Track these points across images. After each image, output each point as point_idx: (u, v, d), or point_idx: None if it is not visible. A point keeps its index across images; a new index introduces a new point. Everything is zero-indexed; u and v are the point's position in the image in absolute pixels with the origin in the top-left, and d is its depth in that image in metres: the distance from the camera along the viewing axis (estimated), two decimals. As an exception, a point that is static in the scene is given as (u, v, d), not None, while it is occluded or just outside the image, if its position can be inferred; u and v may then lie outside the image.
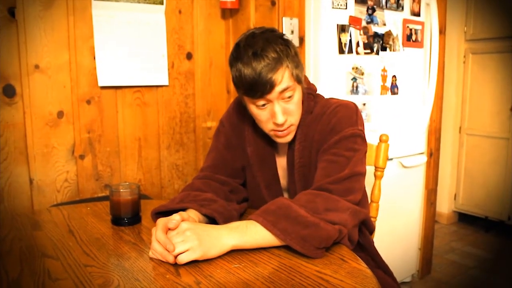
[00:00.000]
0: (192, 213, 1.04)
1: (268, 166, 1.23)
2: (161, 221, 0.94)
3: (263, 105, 1.06)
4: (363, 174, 1.09)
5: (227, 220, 1.04)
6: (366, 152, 1.14)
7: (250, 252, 0.94)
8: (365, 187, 1.15)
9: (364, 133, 1.13)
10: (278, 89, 1.03)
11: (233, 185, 1.22)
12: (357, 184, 1.06)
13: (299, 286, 0.79)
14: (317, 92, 1.23)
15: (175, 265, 0.89)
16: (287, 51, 1.03)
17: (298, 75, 1.07)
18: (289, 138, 1.14)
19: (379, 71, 2.05)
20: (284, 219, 0.92)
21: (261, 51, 1.01)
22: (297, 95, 1.08)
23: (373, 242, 1.25)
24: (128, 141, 1.91)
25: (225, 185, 1.20)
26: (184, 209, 1.06)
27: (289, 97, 1.06)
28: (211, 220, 1.06)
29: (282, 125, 1.08)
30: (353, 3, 1.91)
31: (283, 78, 1.03)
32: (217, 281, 0.82)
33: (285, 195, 1.25)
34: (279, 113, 1.06)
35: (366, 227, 1.21)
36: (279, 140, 1.14)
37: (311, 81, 1.90)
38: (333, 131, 1.10)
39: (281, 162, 1.22)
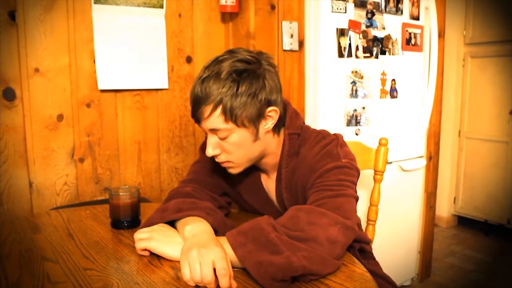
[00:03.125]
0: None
1: (257, 193, 1.19)
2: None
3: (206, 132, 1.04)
4: (355, 197, 1.00)
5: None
6: (355, 182, 1.04)
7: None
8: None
9: (351, 163, 1.03)
10: (204, 125, 1.00)
11: (221, 203, 1.19)
12: (348, 205, 0.95)
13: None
14: (306, 124, 1.15)
15: (175, 268, 0.89)
16: (230, 90, 0.95)
17: (239, 118, 0.97)
18: (232, 171, 1.08)
19: (379, 74, 2.05)
20: (252, 241, 0.83)
21: (203, 80, 0.97)
22: (236, 137, 1.00)
23: (372, 255, 1.23)
24: (127, 145, 1.91)
25: (215, 201, 1.17)
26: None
27: (224, 137, 1.00)
28: None
29: (216, 156, 1.05)
30: (352, 7, 1.91)
31: (210, 117, 0.97)
32: (216, 285, 0.82)
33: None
34: (208, 146, 1.03)
35: (363, 244, 1.16)
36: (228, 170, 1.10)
37: (310, 86, 1.92)
38: (313, 170, 1.02)
39: (271, 192, 1.17)
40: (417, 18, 2.21)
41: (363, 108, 1.99)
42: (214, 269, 0.80)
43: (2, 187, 1.64)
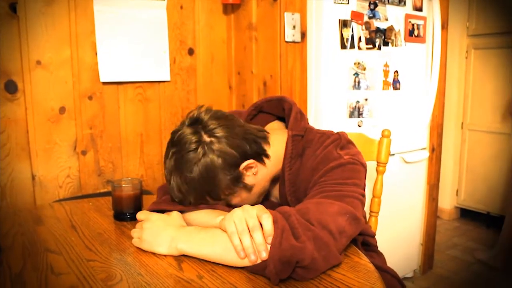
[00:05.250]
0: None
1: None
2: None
3: None
4: (359, 196, 0.94)
5: None
6: (362, 178, 1.00)
7: (252, 247, 0.94)
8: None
9: (353, 158, 0.98)
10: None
11: None
12: (351, 199, 0.90)
13: (301, 280, 0.79)
14: (310, 125, 1.10)
15: (178, 259, 0.89)
16: (191, 189, 0.95)
17: (219, 196, 0.98)
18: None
19: (381, 66, 2.04)
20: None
21: (168, 182, 0.98)
22: (233, 201, 1.02)
23: (376, 248, 1.22)
24: (130, 137, 1.91)
25: None
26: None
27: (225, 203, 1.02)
28: None
29: None
30: (355, -2, 1.90)
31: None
32: (219, 275, 0.82)
33: None
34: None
35: (367, 237, 1.15)
36: None
37: (313, 77, 1.91)
38: (315, 171, 0.98)
39: (276, 195, 1.15)
40: (420, 9, 2.19)
41: (366, 99, 1.99)
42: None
43: (5, 180, 1.64)
